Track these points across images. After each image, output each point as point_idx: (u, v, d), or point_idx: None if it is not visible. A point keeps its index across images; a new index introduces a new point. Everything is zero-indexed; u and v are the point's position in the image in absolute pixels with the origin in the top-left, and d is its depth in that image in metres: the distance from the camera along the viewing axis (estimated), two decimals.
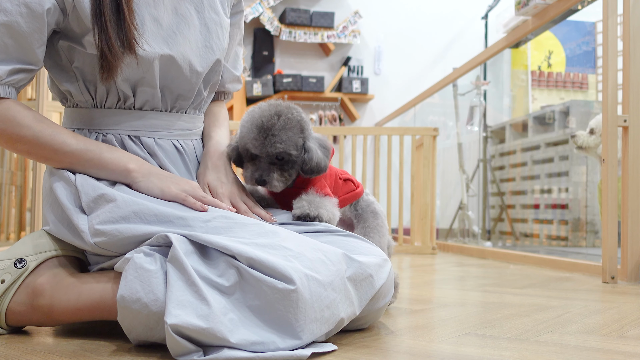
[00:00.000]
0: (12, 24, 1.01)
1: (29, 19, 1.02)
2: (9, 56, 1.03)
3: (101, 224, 1.03)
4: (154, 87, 1.14)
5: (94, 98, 1.14)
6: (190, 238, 0.95)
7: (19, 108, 1.06)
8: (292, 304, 0.88)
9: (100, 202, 1.05)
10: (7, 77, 1.04)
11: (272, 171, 1.14)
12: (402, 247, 3.67)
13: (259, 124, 1.13)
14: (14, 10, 1.01)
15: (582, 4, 2.90)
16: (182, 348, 0.84)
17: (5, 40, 1.01)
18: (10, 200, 3.11)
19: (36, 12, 1.02)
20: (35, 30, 1.03)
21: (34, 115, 1.08)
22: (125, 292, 0.90)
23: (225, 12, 1.28)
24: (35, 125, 1.06)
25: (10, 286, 1.04)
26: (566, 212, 4.13)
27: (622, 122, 2.09)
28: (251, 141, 1.13)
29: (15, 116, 1.05)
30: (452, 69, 4.49)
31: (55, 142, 1.07)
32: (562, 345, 1.02)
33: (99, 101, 1.14)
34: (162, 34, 1.12)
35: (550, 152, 4.30)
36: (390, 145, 3.67)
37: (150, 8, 1.12)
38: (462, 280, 2.17)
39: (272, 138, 1.12)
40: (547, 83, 5.52)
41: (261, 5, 5.16)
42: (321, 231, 1.10)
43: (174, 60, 1.13)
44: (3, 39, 1.01)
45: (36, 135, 1.06)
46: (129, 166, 1.09)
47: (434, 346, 1.00)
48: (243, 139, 1.15)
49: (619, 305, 1.52)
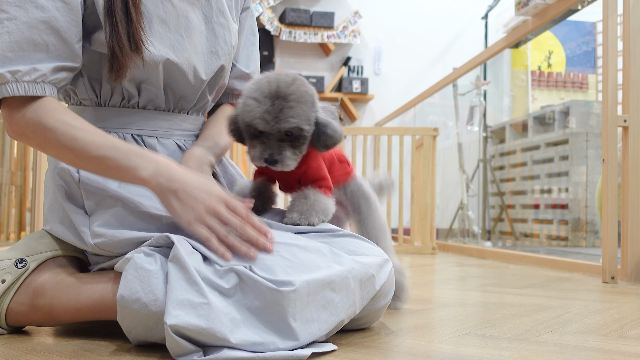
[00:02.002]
0: (50, 20, 0.98)
1: (65, 13, 1.00)
2: (50, 54, 0.99)
3: (102, 226, 1.03)
4: (158, 87, 1.14)
5: (99, 96, 1.13)
6: (192, 244, 0.96)
7: (57, 112, 1.00)
8: (291, 304, 0.88)
9: (103, 205, 1.05)
10: (51, 75, 0.99)
11: (283, 149, 1.03)
12: (402, 247, 3.67)
13: (273, 94, 0.99)
14: (50, 5, 0.98)
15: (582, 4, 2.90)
16: (182, 348, 0.84)
17: (45, 37, 0.98)
18: (10, 200, 3.11)
19: (72, 4, 1.00)
20: (72, 24, 1.01)
21: (66, 117, 1.00)
22: (125, 292, 0.91)
23: (234, 17, 1.28)
24: (61, 130, 0.99)
25: (11, 286, 1.04)
26: (566, 212, 4.13)
27: (622, 122, 2.09)
28: (262, 115, 0.99)
29: (48, 121, 0.99)
30: (452, 69, 4.49)
31: (76, 148, 0.99)
32: (562, 345, 1.02)
33: (103, 99, 1.13)
34: (169, 38, 1.12)
35: (550, 152, 4.30)
36: (390, 145, 3.67)
37: (159, 10, 1.11)
38: (462, 280, 2.17)
39: (287, 111, 0.99)
40: (547, 83, 5.52)
41: (261, 5, 5.16)
42: (320, 231, 1.10)
43: (179, 67, 1.13)
44: (42, 37, 0.97)
45: (58, 141, 0.99)
46: (141, 175, 0.99)
47: (434, 346, 1.00)
48: (250, 112, 1.00)
49: (619, 305, 1.52)
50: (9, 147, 3.05)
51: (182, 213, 0.97)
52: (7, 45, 0.96)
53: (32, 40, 0.97)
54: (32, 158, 3.15)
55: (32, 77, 0.97)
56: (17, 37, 0.96)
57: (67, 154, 1.00)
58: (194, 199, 0.97)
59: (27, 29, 0.96)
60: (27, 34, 0.96)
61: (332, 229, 1.11)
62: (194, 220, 0.96)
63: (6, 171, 3.04)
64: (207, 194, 0.98)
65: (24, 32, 0.96)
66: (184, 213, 0.97)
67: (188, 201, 0.97)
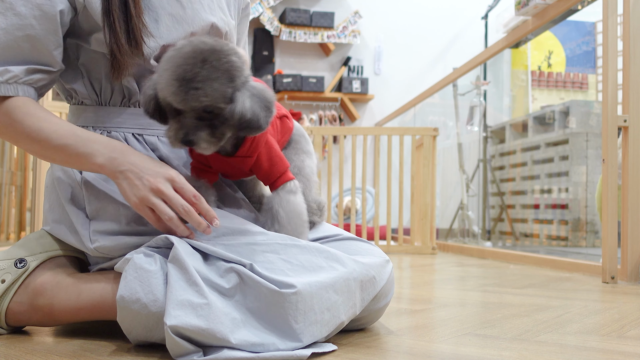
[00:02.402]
0: (26, 27, 1.01)
1: (42, 22, 1.02)
2: (25, 58, 1.02)
3: (102, 231, 1.04)
4: None
5: (99, 96, 1.13)
6: (192, 245, 0.96)
7: (26, 106, 1.02)
8: (292, 307, 0.88)
9: (104, 212, 1.05)
10: (25, 76, 1.02)
11: (199, 129, 0.93)
12: (402, 247, 3.67)
13: (179, 75, 0.91)
14: (28, 13, 1.01)
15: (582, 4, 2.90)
16: (182, 349, 0.84)
17: (21, 43, 1.01)
18: (10, 200, 3.11)
19: (49, 14, 1.02)
20: (49, 32, 1.03)
21: (34, 111, 1.03)
22: (125, 292, 0.91)
23: (232, 14, 1.28)
24: (26, 122, 1.02)
25: (11, 286, 1.04)
26: (566, 212, 4.13)
27: (622, 122, 2.09)
28: (171, 95, 0.92)
29: (17, 114, 1.02)
30: (452, 69, 4.49)
31: (41, 138, 1.02)
32: (562, 345, 1.02)
33: (103, 99, 1.13)
34: (178, 30, 1.12)
35: (550, 152, 4.30)
36: (390, 145, 3.67)
37: (165, 4, 1.11)
38: (462, 280, 2.17)
39: (194, 92, 0.90)
40: (547, 83, 5.52)
41: (261, 5, 5.16)
42: (320, 239, 1.10)
43: None
44: (18, 42, 1.01)
45: (25, 133, 1.02)
46: (97, 161, 1.00)
47: (434, 346, 1.00)
48: (162, 90, 0.93)
49: (619, 305, 1.52)
50: (9, 147, 3.05)
51: (130, 194, 0.98)
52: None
53: (8, 45, 1.00)
54: (32, 158, 3.16)
55: (4, 78, 1.00)
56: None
57: (34, 145, 1.03)
58: (139, 179, 0.98)
59: (4, 34, 1.00)
60: (4, 39, 1.00)
61: (332, 234, 1.11)
62: (139, 201, 0.97)
63: (6, 171, 3.04)
64: (154, 174, 0.98)
65: (1, 38, 1.00)
66: (131, 194, 0.98)
67: (135, 181, 0.98)
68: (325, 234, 1.12)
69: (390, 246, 3.66)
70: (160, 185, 0.96)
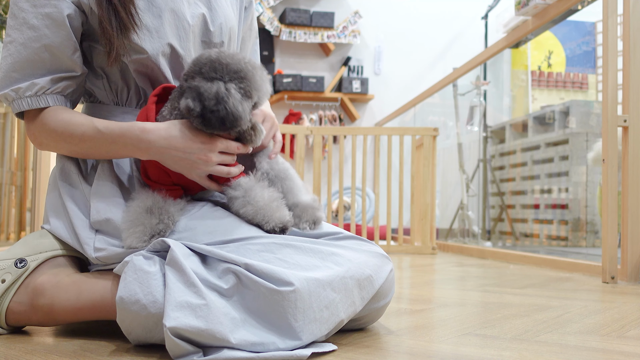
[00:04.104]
0: (42, 38, 1.03)
1: (54, 29, 1.04)
2: (48, 69, 1.05)
3: (104, 241, 1.05)
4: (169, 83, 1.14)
5: (117, 96, 1.15)
6: (189, 247, 0.96)
7: (64, 112, 1.07)
8: (291, 305, 0.88)
9: (107, 225, 1.06)
10: (51, 86, 1.06)
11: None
12: (402, 247, 3.67)
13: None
14: (40, 24, 1.03)
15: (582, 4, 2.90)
16: (182, 350, 0.84)
17: (41, 54, 1.04)
18: (10, 200, 3.11)
19: (58, 20, 1.04)
20: (64, 38, 1.05)
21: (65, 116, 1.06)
22: (124, 293, 0.91)
23: (233, 9, 1.28)
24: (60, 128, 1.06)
25: (11, 286, 1.04)
26: (566, 212, 4.13)
27: (622, 122, 2.09)
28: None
29: (51, 124, 1.06)
30: (452, 69, 4.49)
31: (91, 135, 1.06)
32: (562, 345, 1.02)
33: (120, 99, 1.16)
34: (176, 26, 1.12)
35: (550, 152, 4.30)
36: (390, 145, 3.67)
37: (169, 1, 1.12)
38: (462, 280, 2.17)
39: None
40: (547, 83, 5.52)
41: (261, 5, 5.16)
42: (321, 236, 1.10)
43: (184, 59, 1.14)
44: (38, 54, 1.04)
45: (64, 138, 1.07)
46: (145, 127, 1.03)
47: (434, 346, 1.00)
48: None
49: (619, 305, 1.52)
50: (9, 147, 3.05)
51: (193, 175, 1.05)
52: (10, 66, 1.04)
53: (29, 59, 1.04)
54: (32, 158, 3.16)
55: (32, 91, 1.04)
56: (17, 57, 1.04)
57: (85, 143, 1.06)
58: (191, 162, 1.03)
59: (24, 49, 1.03)
60: (25, 54, 1.03)
61: (330, 232, 1.11)
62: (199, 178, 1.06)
63: (6, 171, 3.04)
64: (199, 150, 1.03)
65: (21, 53, 1.03)
66: (194, 174, 1.05)
67: (189, 164, 1.04)
68: (326, 231, 1.12)
69: (390, 246, 3.66)
70: (212, 157, 1.03)
